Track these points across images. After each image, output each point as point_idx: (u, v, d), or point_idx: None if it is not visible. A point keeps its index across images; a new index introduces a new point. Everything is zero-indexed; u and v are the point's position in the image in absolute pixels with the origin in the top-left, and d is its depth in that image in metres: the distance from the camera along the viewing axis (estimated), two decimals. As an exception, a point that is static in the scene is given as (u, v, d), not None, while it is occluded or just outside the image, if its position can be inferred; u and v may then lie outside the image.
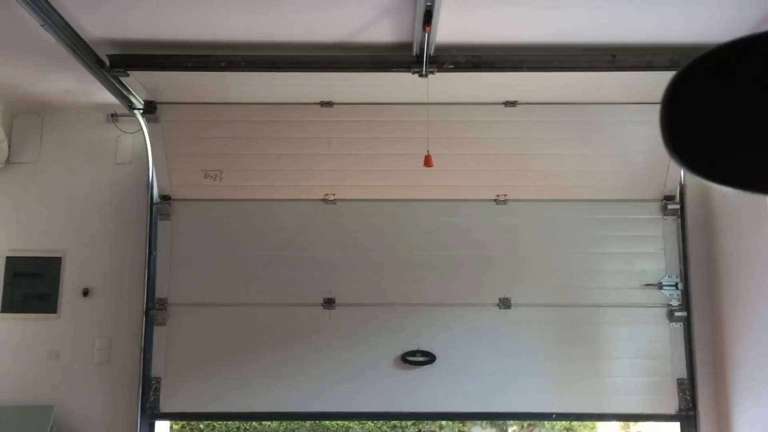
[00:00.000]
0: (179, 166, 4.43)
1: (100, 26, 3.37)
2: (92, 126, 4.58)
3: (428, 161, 3.56)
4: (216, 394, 4.28)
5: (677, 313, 4.32)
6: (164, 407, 4.29)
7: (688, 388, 4.26)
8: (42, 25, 3.10)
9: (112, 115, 4.54)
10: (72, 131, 4.59)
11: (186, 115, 4.34)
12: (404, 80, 3.77)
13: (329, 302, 4.38)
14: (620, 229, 4.43)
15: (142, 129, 4.39)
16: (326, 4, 3.14)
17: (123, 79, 3.89)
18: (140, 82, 3.98)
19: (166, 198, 4.47)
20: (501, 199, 4.45)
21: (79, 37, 3.40)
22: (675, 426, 4.30)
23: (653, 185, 4.40)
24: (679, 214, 4.42)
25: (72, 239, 4.46)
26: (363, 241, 4.44)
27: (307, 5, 3.15)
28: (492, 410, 4.33)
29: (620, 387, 4.27)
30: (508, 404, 4.29)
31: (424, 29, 3.18)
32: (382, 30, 3.42)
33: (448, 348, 4.33)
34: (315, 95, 4.26)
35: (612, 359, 4.31)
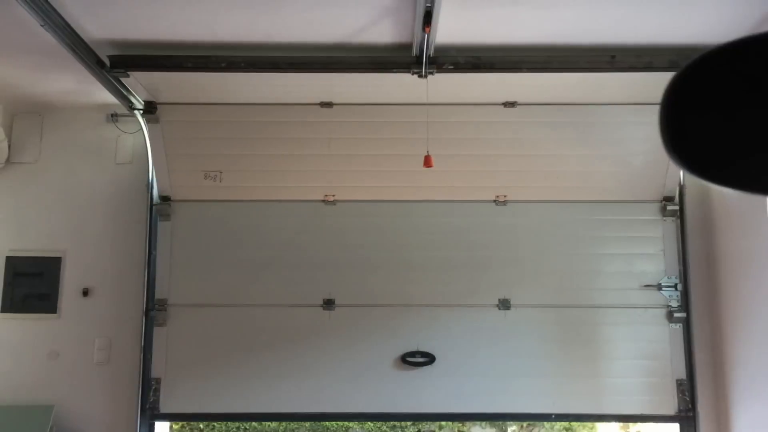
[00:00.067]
0: (179, 167, 4.43)
1: (101, 26, 3.37)
2: (92, 126, 4.59)
3: (428, 161, 3.56)
4: (216, 395, 4.28)
5: (677, 314, 4.32)
6: (164, 408, 4.29)
7: (688, 389, 4.26)
8: (42, 25, 3.10)
9: (112, 115, 4.54)
10: (72, 131, 4.59)
11: (186, 116, 4.34)
12: (404, 81, 3.77)
13: (329, 303, 4.38)
14: (619, 230, 4.43)
15: (142, 129, 4.39)
16: (326, 5, 3.15)
17: (123, 80, 3.89)
18: (140, 83, 3.98)
19: (166, 199, 4.48)
20: (501, 200, 4.45)
21: (80, 38, 3.40)
22: (674, 427, 4.29)
23: (652, 186, 4.40)
24: (679, 215, 4.43)
25: (72, 239, 4.47)
26: (363, 242, 4.44)
27: (307, 6, 3.15)
28: (491, 411, 4.33)
29: (619, 388, 4.27)
30: (508, 405, 4.29)
31: (424, 30, 3.18)
32: (382, 31, 3.42)
33: (448, 349, 4.33)
34: (315, 96, 4.26)
35: (611, 360, 4.31)
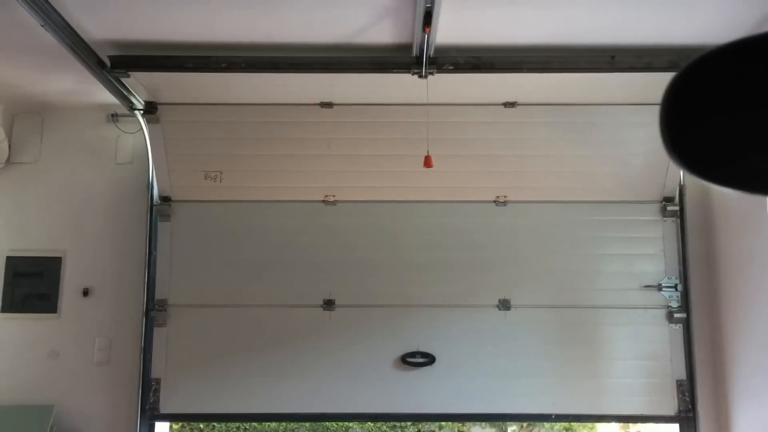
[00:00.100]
0: (179, 167, 4.43)
1: (101, 27, 3.37)
2: (92, 126, 4.59)
3: (428, 162, 3.55)
4: (216, 395, 4.28)
5: (677, 315, 4.32)
6: (164, 408, 4.29)
7: (688, 390, 4.26)
8: (42, 25, 3.10)
9: (113, 115, 4.54)
10: (72, 131, 4.59)
11: (186, 116, 4.34)
12: (404, 81, 3.77)
13: (329, 303, 4.38)
14: (620, 231, 4.43)
15: (143, 129, 4.39)
16: (326, 6, 3.15)
17: (124, 80, 3.88)
18: (141, 83, 3.98)
19: (166, 199, 4.48)
20: (501, 201, 4.45)
21: (80, 38, 3.40)
22: (674, 427, 4.29)
23: (653, 186, 4.40)
24: (679, 216, 4.42)
25: (72, 239, 4.46)
26: (363, 243, 4.44)
27: (308, 6, 3.15)
28: (491, 411, 4.32)
29: (619, 388, 4.27)
30: (508, 405, 4.29)
31: (424, 30, 3.18)
32: (382, 31, 3.42)
33: (448, 349, 4.33)
34: (315, 96, 4.26)
35: (611, 360, 4.31)
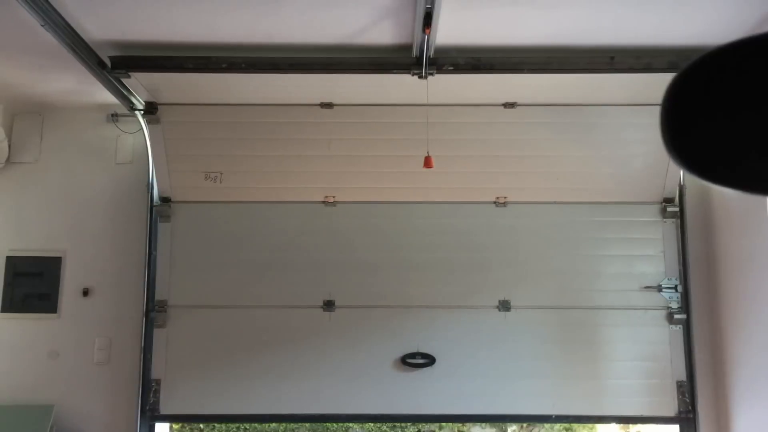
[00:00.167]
0: (180, 168, 4.43)
1: (101, 27, 3.37)
2: (92, 126, 4.58)
3: (428, 162, 3.55)
4: (216, 396, 4.28)
5: (677, 316, 4.32)
6: (164, 409, 4.28)
7: (688, 391, 4.25)
8: (42, 25, 3.09)
9: (113, 115, 4.54)
10: (72, 131, 4.59)
11: (187, 117, 4.34)
12: (404, 82, 3.77)
13: (329, 304, 4.38)
14: (619, 232, 4.43)
15: (143, 129, 4.39)
16: (326, 6, 3.15)
17: (124, 80, 3.88)
18: (141, 83, 3.98)
19: (166, 200, 4.48)
20: (501, 202, 4.45)
21: (80, 38, 3.40)
22: (674, 428, 4.29)
23: (652, 187, 4.40)
24: (679, 217, 4.42)
25: (72, 239, 4.46)
26: (363, 243, 4.44)
27: (308, 7, 3.15)
28: (491, 412, 4.32)
29: (619, 389, 4.27)
30: (508, 406, 4.28)
31: (424, 31, 3.18)
32: (382, 32, 3.42)
33: (448, 350, 4.32)
34: (315, 97, 4.26)
35: (611, 361, 4.31)
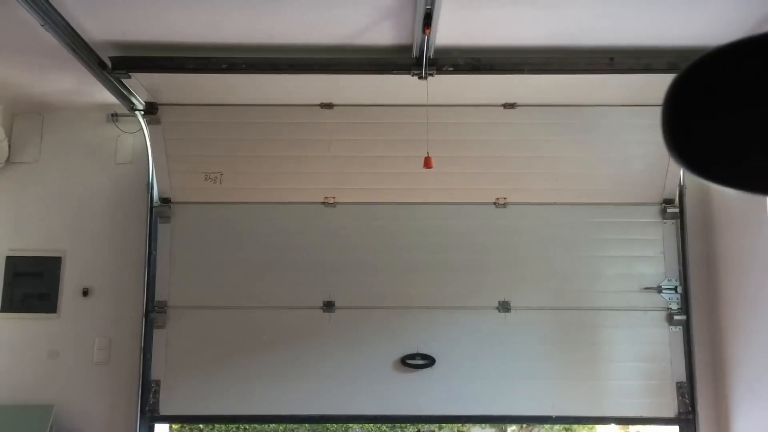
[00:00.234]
0: (180, 168, 4.43)
1: (101, 27, 3.38)
2: (92, 126, 4.59)
3: (428, 162, 3.55)
4: (216, 397, 4.27)
5: (676, 317, 4.32)
6: (164, 410, 4.28)
7: (688, 392, 4.25)
8: (42, 25, 3.10)
9: (113, 115, 4.54)
10: (72, 131, 4.59)
11: (187, 117, 4.35)
12: (404, 82, 3.77)
13: (329, 305, 4.38)
14: (619, 233, 4.43)
15: (143, 129, 4.39)
16: (327, 7, 3.15)
17: (124, 81, 3.89)
18: (142, 84, 3.98)
19: (166, 201, 4.48)
20: (501, 203, 4.45)
21: (80, 38, 3.40)
22: (674, 429, 4.29)
23: (652, 188, 4.40)
24: (679, 217, 4.42)
25: (72, 239, 4.46)
26: (363, 244, 4.44)
27: (308, 7, 3.16)
28: (491, 413, 4.32)
29: (619, 390, 4.27)
30: (508, 407, 4.28)
31: (424, 32, 3.18)
32: (383, 32, 3.42)
33: (448, 351, 4.32)
34: (315, 97, 4.26)
35: (611, 362, 4.31)
